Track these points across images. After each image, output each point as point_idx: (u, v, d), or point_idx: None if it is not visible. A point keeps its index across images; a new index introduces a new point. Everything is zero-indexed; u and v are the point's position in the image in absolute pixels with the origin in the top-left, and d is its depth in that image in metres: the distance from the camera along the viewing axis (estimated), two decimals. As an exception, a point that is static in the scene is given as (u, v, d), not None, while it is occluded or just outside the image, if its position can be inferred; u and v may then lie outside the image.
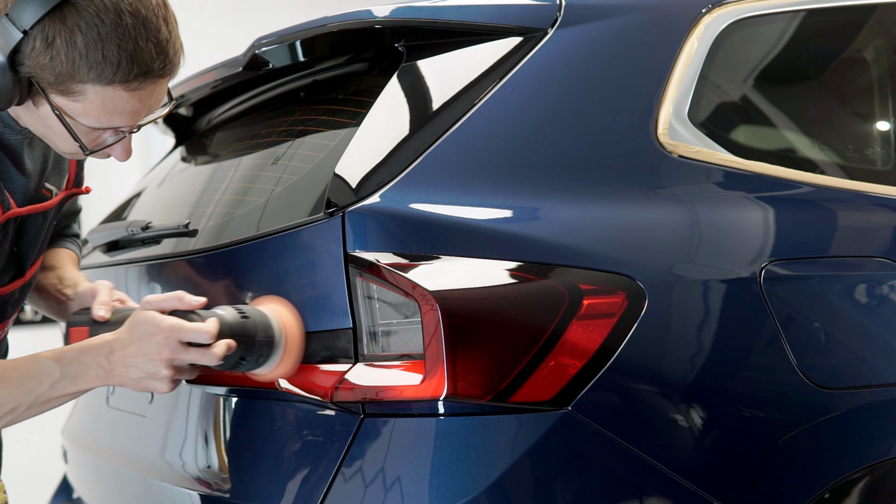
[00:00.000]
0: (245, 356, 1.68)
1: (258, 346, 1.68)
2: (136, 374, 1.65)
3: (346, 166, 1.72)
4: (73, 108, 1.58)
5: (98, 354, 1.65)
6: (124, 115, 1.60)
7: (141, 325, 1.65)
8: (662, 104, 1.83)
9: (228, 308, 1.70)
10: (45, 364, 1.65)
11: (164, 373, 1.64)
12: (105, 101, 1.57)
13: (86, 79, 1.54)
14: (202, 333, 1.62)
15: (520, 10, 1.87)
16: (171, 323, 1.63)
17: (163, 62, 1.57)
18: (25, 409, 1.66)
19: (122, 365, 1.64)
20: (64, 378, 1.65)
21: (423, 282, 1.60)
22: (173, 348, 1.63)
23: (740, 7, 1.97)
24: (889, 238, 1.94)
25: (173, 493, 1.96)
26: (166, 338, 1.63)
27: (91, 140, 1.64)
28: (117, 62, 1.52)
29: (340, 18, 1.93)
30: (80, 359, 1.66)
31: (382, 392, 1.62)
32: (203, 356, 1.63)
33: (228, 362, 1.68)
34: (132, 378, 1.65)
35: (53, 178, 1.88)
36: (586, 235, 1.68)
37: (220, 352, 1.63)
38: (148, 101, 1.61)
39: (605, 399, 1.62)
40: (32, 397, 1.65)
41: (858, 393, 1.79)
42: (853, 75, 2.22)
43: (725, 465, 1.69)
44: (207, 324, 1.64)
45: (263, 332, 1.68)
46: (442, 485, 1.57)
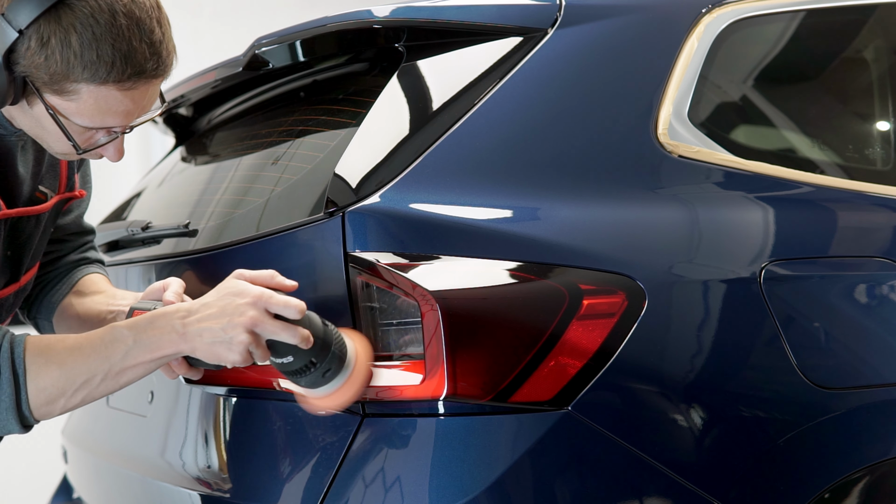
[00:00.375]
0: (316, 360, 1.59)
1: (330, 357, 1.59)
2: (211, 337, 1.56)
3: (346, 166, 1.72)
4: (67, 107, 1.58)
5: (173, 317, 1.59)
6: (117, 114, 1.61)
7: (228, 289, 1.59)
8: (662, 104, 1.83)
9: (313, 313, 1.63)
10: (118, 332, 1.59)
11: (243, 337, 1.55)
12: (98, 101, 1.57)
13: (80, 78, 1.54)
14: (291, 307, 1.56)
15: (520, 10, 1.87)
16: (262, 291, 1.57)
17: (156, 63, 1.58)
18: (101, 381, 1.58)
19: (198, 329, 1.57)
20: (137, 345, 1.58)
21: (423, 282, 1.60)
22: (259, 314, 1.55)
23: (740, 7, 1.97)
24: (889, 238, 1.94)
25: (173, 493, 1.96)
26: (254, 302, 1.56)
27: (84, 140, 1.64)
28: (111, 62, 1.53)
29: (340, 18, 1.93)
30: (155, 323, 1.59)
31: (382, 392, 1.62)
32: (286, 331, 1.55)
33: (297, 361, 1.59)
34: (206, 342, 1.57)
35: (48, 181, 1.88)
36: (586, 235, 1.68)
37: (303, 333, 1.55)
38: (141, 102, 1.62)
39: (605, 399, 1.62)
40: (107, 366, 1.58)
41: (858, 393, 1.79)
42: (853, 75, 2.22)
43: (725, 465, 1.69)
44: (298, 301, 1.57)
45: (339, 347, 1.61)
46: (442, 485, 1.57)
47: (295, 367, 1.59)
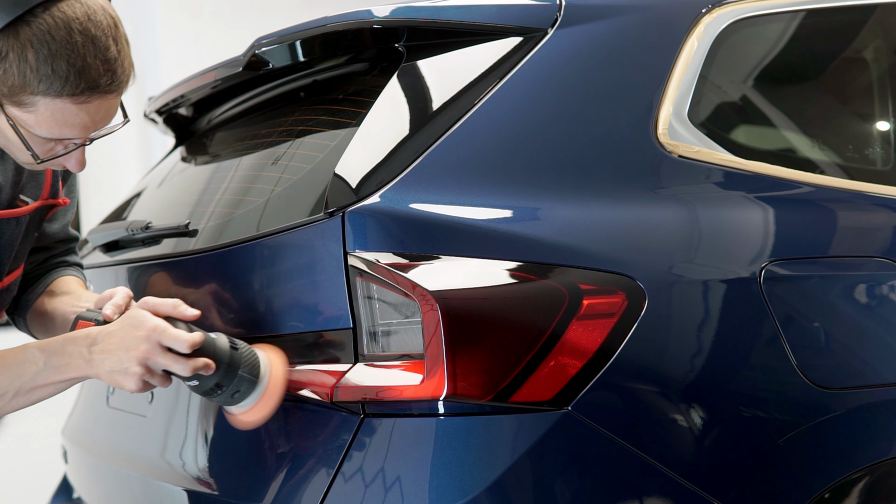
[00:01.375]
0: (222, 384, 1.69)
1: (238, 380, 1.69)
2: (110, 366, 1.67)
3: (346, 166, 1.72)
4: (27, 118, 1.65)
5: (81, 344, 1.69)
6: (74, 127, 1.67)
7: (129, 319, 1.69)
8: (662, 104, 1.83)
9: (223, 335, 1.72)
10: (30, 352, 1.70)
11: (135, 369, 1.65)
12: (55, 113, 1.64)
13: (36, 91, 1.61)
14: (182, 342, 1.65)
15: (520, 10, 1.87)
16: (156, 324, 1.67)
17: (110, 79, 1.64)
18: (11, 398, 1.70)
19: (101, 357, 1.67)
20: (48, 367, 1.69)
21: (422, 282, 1.60)
22: (151, 347, 1.65)
23: (740, 7, 1.97)
24: (889, 238, 1.94)
25: (173, 493, 1.97)
26: (147, 336, 1.66)
27: (46, 150, 1.71)
28: (66, 76, 1.60)
29: (340, 18, 1.93)
30: (65, 348, 1.70)
31: (382, 392, 1.62)
32: (176, 364, 1.65)
33: (203, 385, 1.69)
34: (106, 370, 1.67)
35: (30, 190, 1.94)
36: (586, 235, 1.68)
37: (194, 364, 1.65)
38: (96, 116, 1.68)
39: (605, 399, 1.62)
40: (17, 385, 1.69)
41: (858, 393, 1.79)
42: (853, 75, 2.22)
43: (725, 464, 1.69)
44: (192, 335, 1.66)
45: (248, 368, 1.69)
46: (442, 485, 1.57)
47: (202, 390, 1.70)
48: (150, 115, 2.69)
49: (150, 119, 2.71)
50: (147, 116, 2.71)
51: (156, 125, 2.74)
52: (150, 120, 2.72)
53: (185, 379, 1.68)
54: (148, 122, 2.76)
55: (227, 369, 1.68)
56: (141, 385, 1.67)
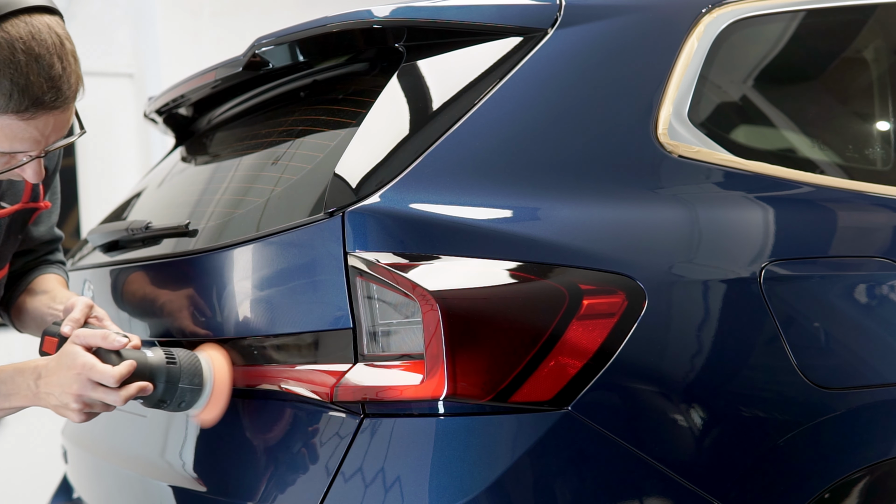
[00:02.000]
0: (165, 399, 1.78)
1: (180, 392, 1.78)
2: (54, 401, 1.77)
3: (346, 166, 1.72)
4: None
5: (28, 377, 1.78)
6: (24, 141, 1.71)
7: (64, 356, 1.76)
8: (662, 104, 1.83)
9: (158, 350, 1.79)
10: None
11: (73, 406, 1.75)
12: (3, 129, 1.69)
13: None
14: (108, 377, 1.72)
15: (520, 10, 1.87)
16: (84, 361, 1.74)
17: (55, 95, 1.69)
18: None
19: (46, 391, 1.77)
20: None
21: (422, 282, 1.60)
22: (82, 385, 1.73)
23: (740, 7, 1.97)
24: (889, 238, 1.94)
25: (173, 493, 1.97)
26: (78, 374, 1.73)
27: (3, 163, 1.76)
28: (9, 94, 1.65)
29: (340, 18, 1.93)
30: (14, 379, 1.79)
31: (382, 392, 1.62)
32: (108, 396, 1.73)
33: (148, 402, 1.78)
34: (52, 404, 1.78)
35: (9, 197, 2.00)
36: (586, 235, 1.68)
37: (125, 395, 1.73)
38: (45, 131, 1.72)
39: (605, 399, 1.62)
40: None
41: (858, 393, 1.79)
42: (853, 75, 2.22)
43: (725, 465, 1.69)
44: (118, 368, 1.73)
45: (189, 379, 1.79)
46: (442, 485, 1.57)
47: (149, 405, 1.80)
48: (150, 115, 2.69)
49: (150, 119, 2.72)
50: (147, 116, 2.71)
51: (156, 125, 2.74)
52: (150, 120, 2.72)
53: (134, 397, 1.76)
54: (148, 122, 2.76)
55: (166, 386, 1.77)
56: (84, 417, 1.77)
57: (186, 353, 1.81)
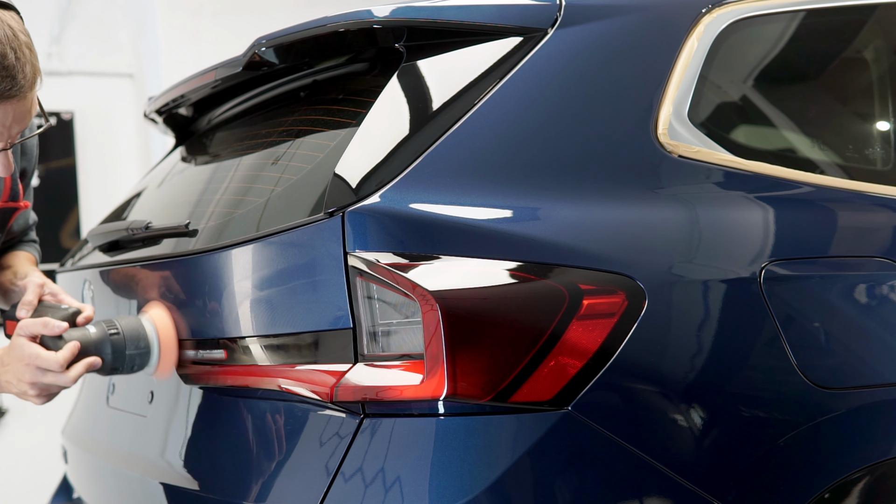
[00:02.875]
0: (116, 367, 1.92)
1: (129, 359, 1.92)
2: (14, 389, 1.89)
3: (346, 166, 1.72)
4: None
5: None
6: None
7: (12, 349, 1.88)
8: (662, 104, 1.83)
9: (101, 324, 1.92)
10: None
11: (31, 392, 1.88)
12: None
13: None
14: (53, 363, 1.84)
15: (520, 10, 1.87)
16: (30, 352, 1.85)
17: (9, 84, 1.75)
18: None
19: (5, 380, 1.90)
20: None
21: (423, 282, 1.60)
22: (33, 374, 1.86)
23: (740, 7, 1.97)
24: (889, 238, 1.94)
25: (173, 493, 1.97)
26: (26, 365, 1.86)
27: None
28: None
29: (340, 18, 1.93)
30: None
31: (382, 392, 1.62)
32: (59, 379, 1.86)
33: (102, 372, 1.91)
34: (13, 391, 1.90)
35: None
36: (586, 235, 1.68)
37: (73, 375, 1.85)
38: (5, 121, 1.79)
39: (605, 399, 1.62)
40: None
41: (858, 393, 1.79)
42: (853, 75, 2.22)
43: (725, 465, 1.69)
44: (59, 353, 1.85)
45: (134, 344, 1.92)
46: (442, 485, 1.57)
47: (105, 374, 1.93)
48: (150, 115, 2.69)
49: (150, 119, 2.71)
50: (147, 116, 2.71)
51: (156, 125, 2.74)
52: (150, 120, 2.72)
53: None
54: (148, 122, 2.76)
55: (114, 356, 1.90)
56: (45, 399, 1.91)
57: (128, 319, 1.93)
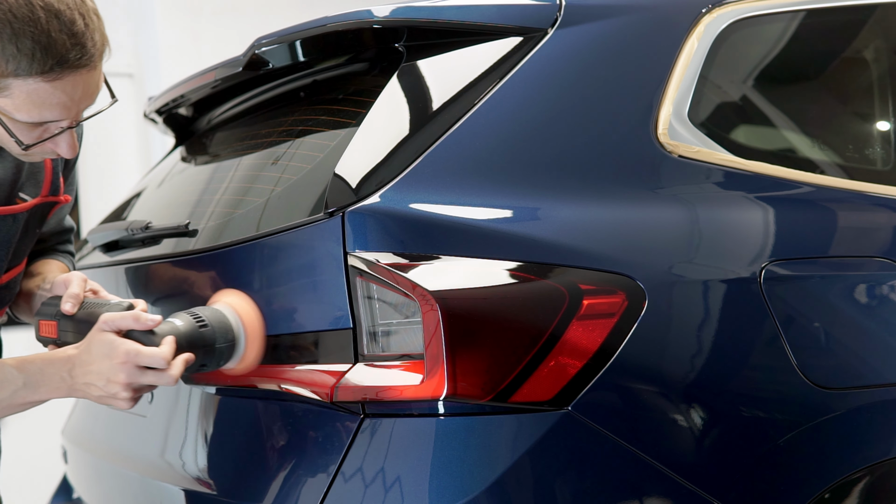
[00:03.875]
0: (205, 363, 1.73)
1: (218, 353, 1.73)
2: (97, 392, 1.69)
3: (346, 166, 1.72)
4: (5, 104, 1.64)
5: (61, 369, 1.71)
6: (53, 107, 1.65)
7: (99, 346, 1.68)
8: (662, 104, 1.83)
9: (185, 316, 1.73)
10: (8, 372, 1.71)
11: (123, 395, 1.68)
12: (30, 95, 1.62)
13: (6, 73, 1.60)
14: (158, 359, 1.65)
15: (520, 10, 1.87)
16: (128, 349, 1.66)
17: (79, 52, 1.62)
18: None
19: (84, 382, 1.69)
20: (26, 387, 1.71)
21: (423, 282, 1.60)
22: (130, 373, 1.66)
23: (740, 7, 1.97)
24: (889, 238, 1.94)
25: (173, 493, 1.96)
26: (122, 363, 1.66)
27: (33, 137, 1.69)
28: (31, 54, 1.58)
29: (340, 18, 1.93)
30: (44, 370, 1.71)
31: (382, 392, 1.62)
32: (160, 378, 1.67)
33: (190, 370, 1.72)
34: (94, 395, 1.70)
35: (29, 188, 1.93)
36: (586, 235, 1.68)
37: (176, 373, 1.66)
38: (74, 94, 1.65)
39: (605, 399, 1.62)
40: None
41: (858, 393, 1.79)
42: (853, 75, 2.22)
43: (725, 465, 1.69)
44: (163, 348, 1.66)
45: (223, 337, 1.73)
46: (442, 485, 1.57)
47: (193, 371, 1.74)
48: (150, 115, 2.69)
49: (150, 119, 2.71)
50: (147, 116, 2.71)
51: (156, 125, 2.74)
52: (150, 120, 2.72)
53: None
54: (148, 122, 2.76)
55: (205, 351, 1.72)
56: (133, 403, 1.70)
57: (212, 310, 1.75)
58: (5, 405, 1.71)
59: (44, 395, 1.72)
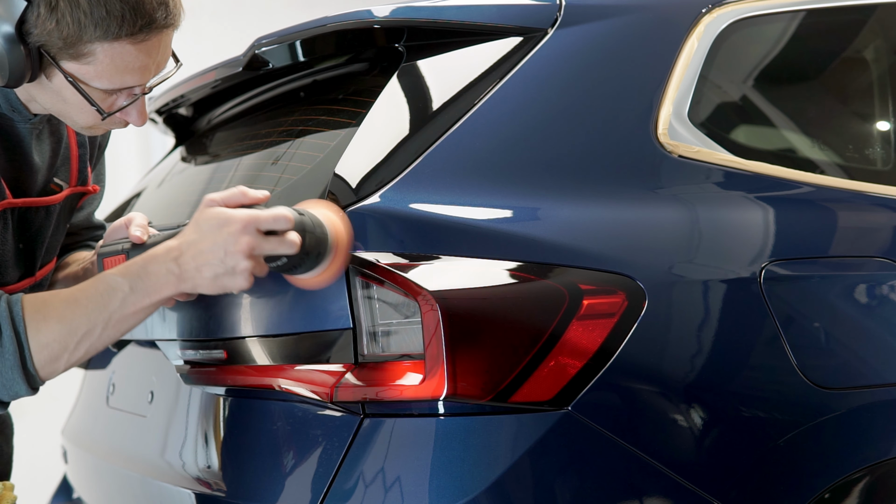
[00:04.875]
0: (308, 251, 1.61)
1: (317, 242, 1.61)
2: (212, 271, 1.59)
3: (346, 166, 1.72)
4: (86, 71, 1.61)
5: (165, 260, 1.60)
6: (135, 71, 1.63)
7: (210, 220, 1.60)
8: (662, 104, 1.83)
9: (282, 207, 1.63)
10: (112, 280, 1.61)
11: (245, 264, 1.58)
12: (115, 59, 1.60)
13: (93, 37, 1.57)
14: (281, 219, 1.58)
15: (520, 10, 1.87)
16: (247, 213, 1.58)
17: (165, 12, 1.61)
18: (102, 331, 1.60)
19: (195, 266, 1.59)
20: (134, 291, 1.60)
21: (423, 282, 1.60)
22: (253, 237, 1.57)
23: (740, 7, 1.97)
24: (889, 238, 1.94)
25: (173, 493, 1.96)
26: (244, 227, 1.57)
27: (107, 105, 1.66)
28: (121, 15, 1.56)
29: (340, 18, 1.93)
30: (147, 269, 1.61)
31: (382, 392, 1.62)
32: (282, 245, 1.58)
33: (293, 259, 1.61)
34: (208, 277, 1.59)
35: (62, 173, 1.88)
36: (586, 235, 1.68)
37: (296, 239, 1.58)
38: (156, 56, 1.64)
39: (605, 399, 1.62)
40: (106, 315, 1.60)
41: (858, 393, 1.79)
42: (853, 75, 2.22)
43: (725, 465, 1.69)
44: (281, 208, 1.59)
45: (320, 228, 1.61)
46: (442, 485, 1.57)
47: (291, 265, 1.62)
48: (150, 115, 2.69)
49: (150, 119, 2.71)
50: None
51: (156, 125, 2.74)
52: (150, 120, 2.72)
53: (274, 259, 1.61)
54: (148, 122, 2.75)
55: (307, 238, 1.60)
56: (251, 279, 1.60)
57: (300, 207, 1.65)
58: (118, 317, 1.60)
59: (154, 296, 1.61)
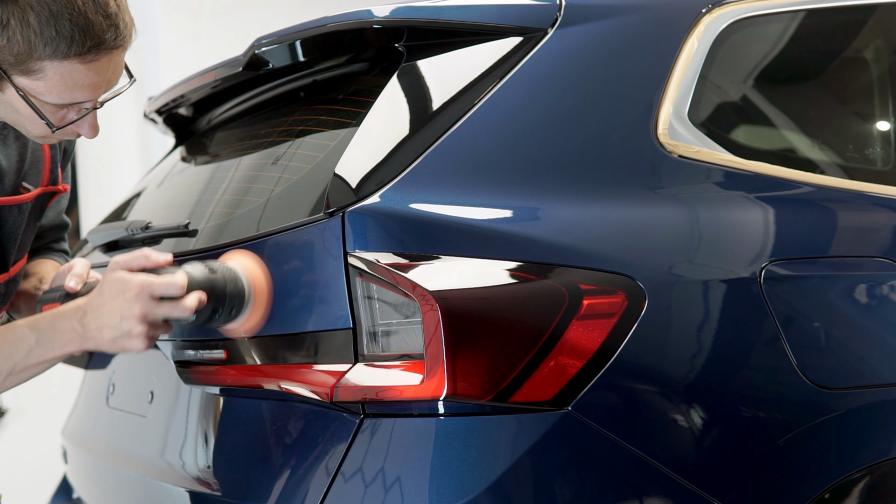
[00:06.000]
0: (217, 308, 1.70)
1: (229, 299, 1.71)
2: (111, 334, 1.66)
3: (346, 166, 1.72)
4: (36, 87, 1.64)
5: (72, 319, 1.68)
6: (84, 88, 1.66)
7: (111, 284, 1.67)
8: (662, 104, 1.83)
9: (196, 264, 1.72)
10: (20, 331, 1.69)
11: (139, 329, 1.65)
12: (64, 76, 1.63)
13: (43, 55, 1.60)
14: (173, 286, 1.65)
15: (520, 10, 1.87)
16: (142, 279, 1.65)
17: (114, 34, 1.64)
18: (5, 378, 1.69)
19: (96, 327, 1.66)
20: (40, 344, 1.69)
21: (423, 282, 1.60)
22: (145, 303, 1.65)
23: (740, 7, 1.97)
24: (889, 238, 1.94)
25: (173, 493, 1.97)
26: (137, 294, 1.64)
27: (58, 118, 1.70)
28: (70, 36, 1.59)
29: (340, 18, 1.93)
30: (55, 325, 1.69)
31: (382, 392, 1.62)
32: (175, 309, 1.66)
33: (201, 317, 1.70)
34: (107, 339, 1.67)
35: (31, 177, 1.93)
36: (586, 235, 1.68)
37: (191, 304, 1.65)
38: (105, 74, 1.67)
39: (605, 399, 1.63)
40: (10, 365, 1.69)
41: (858, 393, 1.79)
42: (853, 75, 2.22)
43: (725, 465, 1.69)
44: (177, 275, 1.66)
45: (233, 284, 1.71)
46: (442, 485, 1.57)
47: (200, 322, 1.71)
48: (150, 115, 2.69)
49: (150, 119, 2.71)
50: (147, 116, 2.71)
51: (156, 125, 2.74)
52: (150, 120, 2.72)
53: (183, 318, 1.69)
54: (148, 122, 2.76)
55: (216, 295, 1.69)
56: (147, 343, 1.67)
57: (218, 263, 1.74)
58: (22, 367, 1.69)
59: (58, 351, 1.69)
